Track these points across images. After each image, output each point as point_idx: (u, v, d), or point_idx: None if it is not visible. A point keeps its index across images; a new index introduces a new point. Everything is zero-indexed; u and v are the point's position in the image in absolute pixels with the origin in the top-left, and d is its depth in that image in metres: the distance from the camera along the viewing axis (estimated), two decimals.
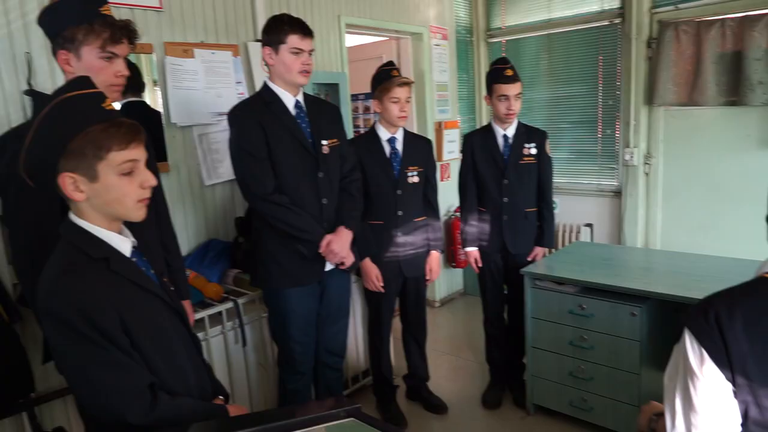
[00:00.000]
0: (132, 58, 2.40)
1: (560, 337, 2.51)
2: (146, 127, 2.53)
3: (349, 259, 2.12)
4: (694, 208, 3.78)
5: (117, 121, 1.15)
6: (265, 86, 2.09)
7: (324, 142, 2.12)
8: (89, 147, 1.10)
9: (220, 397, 1.36)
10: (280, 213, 1.99)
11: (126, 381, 1.07)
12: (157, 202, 1.81)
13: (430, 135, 4.10)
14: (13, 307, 1.94)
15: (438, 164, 4.11)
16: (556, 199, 4.34)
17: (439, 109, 4.20)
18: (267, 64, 2.05)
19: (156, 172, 1.83)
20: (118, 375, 1.07)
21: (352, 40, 4.18)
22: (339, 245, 2.06)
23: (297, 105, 2.09)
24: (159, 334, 1.19)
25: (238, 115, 2.02)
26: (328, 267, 2.14)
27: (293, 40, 1.97)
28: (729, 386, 0.93)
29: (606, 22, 4.02)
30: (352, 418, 1.27)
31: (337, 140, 2.18)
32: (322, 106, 2.25)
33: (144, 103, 2.54)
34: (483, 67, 4.64)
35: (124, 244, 1.19)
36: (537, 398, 2.67)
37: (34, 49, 2.11)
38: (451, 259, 4.33)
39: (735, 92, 3.51)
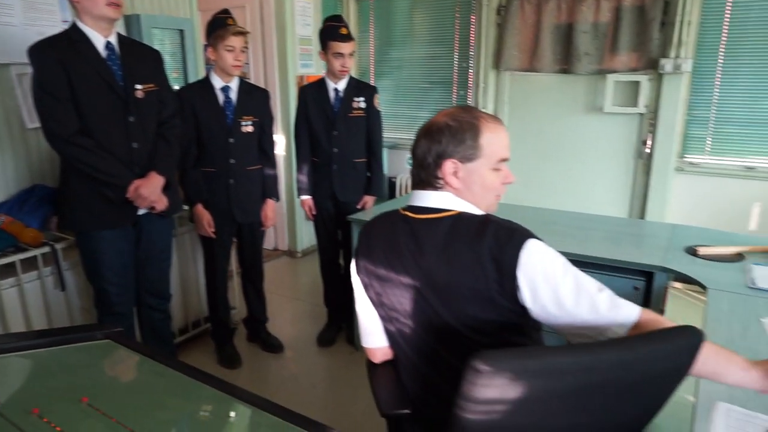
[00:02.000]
0: None
1: None
2: None
3: (161, 204, 2.16)
4: (531, 166, 4.17)
5: None
6: (74, 25, 2.03)
7: (138, 86, 2.12)
8: None
9: None
10: (83, 156, 1.98)
11: None
12: None
13: (291, 88, 4.14)
14: None
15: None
16: (409, 154, 4.61)
17: (301, 63, 4.23)
18: (72, 2, 2.00)
19: None
20: None
21: None
22: (148, 189, 2.09)
23: (108, 46, 2.07)
24: None
25: (37, 53, 1.96)
26: (142, 211, 2.18)
27: None
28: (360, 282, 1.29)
29: None
30: (108, 340, 1.36)
31: (155, 85, 2.19)
32: (140, 49, 2.23)
33: None
34: (354, 25, 4.71)
35: None
36: None
37: None
38: None
39: (566, 61, 3.86)
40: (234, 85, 2.62)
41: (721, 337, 1.40)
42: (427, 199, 1.22)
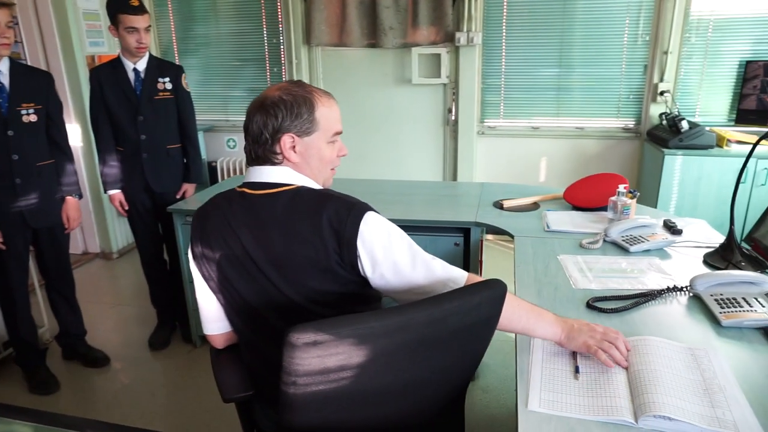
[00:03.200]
0: None
1: None
2: None
3: None
4: (351, 140, 4.26)
5: None
6: None
7: None
8: None
9: None
10: None
11: None
12: None
13: (82, 71, 3.65)
14: None
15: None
16: (234, 137, 4.43)
17: (90, 41, 3.75)
18: None
19: None
20: None
21: None
22: None
23: None
24: None
25: None
26: None
27: None
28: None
29: None
30: None
31: None
32: None
33: None
34: None
35: None
36: (201, 330, 2.75)
37: None
38: None
39: (373, 35, 4.00)
40: (4, 67, 2.22)
41: (529, 276, 1.61)
42: (266, 174, 1.18)
